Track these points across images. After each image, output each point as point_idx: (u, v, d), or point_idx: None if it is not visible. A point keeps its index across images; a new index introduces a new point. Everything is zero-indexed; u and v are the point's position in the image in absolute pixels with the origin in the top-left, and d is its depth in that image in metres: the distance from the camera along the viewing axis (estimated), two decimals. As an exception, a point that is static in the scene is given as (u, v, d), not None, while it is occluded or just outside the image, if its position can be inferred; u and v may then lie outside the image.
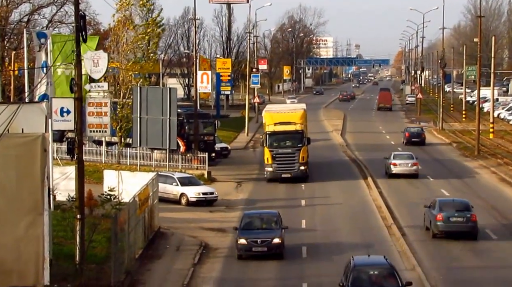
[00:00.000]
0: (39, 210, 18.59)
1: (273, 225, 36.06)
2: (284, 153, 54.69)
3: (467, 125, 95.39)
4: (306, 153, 55.72)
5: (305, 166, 55.16)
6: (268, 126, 55.96)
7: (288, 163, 54.75)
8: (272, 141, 55.20)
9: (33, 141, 18.72)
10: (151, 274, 32.62)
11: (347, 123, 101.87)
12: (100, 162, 59.64)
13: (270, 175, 55.24)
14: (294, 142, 55.25)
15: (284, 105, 74.41)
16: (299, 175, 54.94)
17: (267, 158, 55.27)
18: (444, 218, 38.03)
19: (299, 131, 55.47)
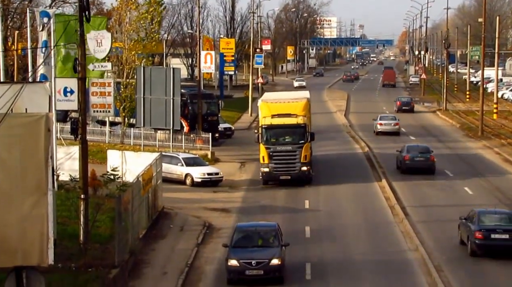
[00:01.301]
0: (43, 189, 18.56)
1: (272, 241, 29.77)
2: (283, 151, 46.47)
3: (471, 106, 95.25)
4: (309, 150, 47.38)
5: (307, 166, 46.73)
6: (265, 119, 47.21)
7: (287, 162, 46.42)
8: (269, 137, 46.80)
9: (37, 121, 18.67)
10: (155, 254, 32.70)
11: (350, 104, 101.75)
12: (103, 142, 59.66)
13: (266, 177, 46.97)
14: (295, 138, 46.77)
15: (284, 94, 63.82)
16: (300, 176, 46.66)
17: (262, 156, 46.61)
18: (410, 158, 50.83)
19: (301, 125, 46.77)
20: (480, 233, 31.84)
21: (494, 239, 31.79)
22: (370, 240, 35.44)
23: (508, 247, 31.71)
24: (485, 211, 33.86)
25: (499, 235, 31.83)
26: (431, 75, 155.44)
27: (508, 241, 31.71)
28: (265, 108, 48.02)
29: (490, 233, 31.85)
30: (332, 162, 56.23)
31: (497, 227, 32.13)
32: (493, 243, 31.76)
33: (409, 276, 29.94)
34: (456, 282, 28.96)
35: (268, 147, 46.49)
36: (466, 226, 33.10)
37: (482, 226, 32.10)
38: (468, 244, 32.62)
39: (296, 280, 29.23)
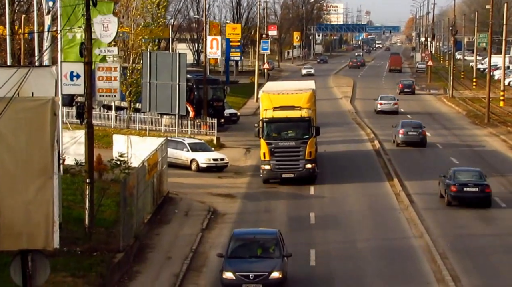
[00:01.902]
0: (48, 173, 18.59)
1: (272, 251, 26.53)
2: (286, 147, 42.95)
3: (478, 93, 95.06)
4: (314, 146, 43.84)
5: (312, 163, 43.06)
6: (266, 112, 43.51)
7: (290, 159, 42.84)
8: (271, 131, 43.16)
9: (43, 105, 18.68)
10: (160, 238, 32.76)
11: (356, 90, 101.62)
12: (109, 127, 59.71)
13: (266, 175, 43.25)
14: (299, 133, 43.22)
15: (287, 84, 57.67)
16: (304, 175, 42.91)
17: (263, 153, 43.02)
18: (404, 133, 56.17)
19: (305, 119, 43.16)
20: (454, 187, 38.09)
21: (466, 191, 38.00)
22: (374, 227, 35.46)
23: (477, 198, 38.09)
24: (459, 169, 40.65)
25: (470, 188, 38.13)
26: (437, 62, 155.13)
27: (477, 193, 38.07)
28: (266, 100, 44.23)
29: (463, 186, 38.08)
30: (337, 150, 56.18)
31: (468, 182, 38.36)
32: (465, 195, 37.98)
33: (413, 263, 29.97)
34: (461, 270, 28.98)
35: (270, 142, 42.92)
36: (444, 182, 39.18)
37: (456, 181, 38.27)
38: (445, 196, 38.88)
39: (301, 266, 29.27)
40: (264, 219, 36.48)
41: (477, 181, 38.65)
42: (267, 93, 45.33)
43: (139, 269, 28.65)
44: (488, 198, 38.45)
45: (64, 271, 25.30)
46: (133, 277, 27.81)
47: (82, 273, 25.41)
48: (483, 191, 38.24)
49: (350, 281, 27.98)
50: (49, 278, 20.92)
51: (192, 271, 28.93)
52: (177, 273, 28.29)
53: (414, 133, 56.24)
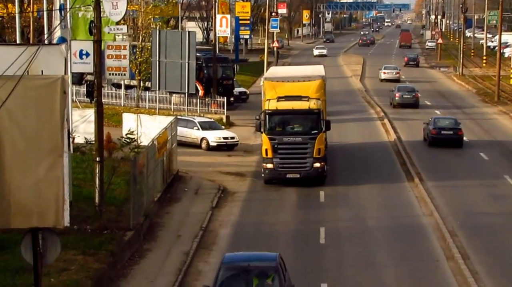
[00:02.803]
0: (59, 152, 18.59)
1: (271, 283, 20.93)
2: (291, 143, 37.85)
3: (488, 71, 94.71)
4: (323, 142, 38.70)
5: (321, 162, 37.81)
6: (268, 102, 38.26)
7: (296, 157, 37.84)
8: (274, 125, 38.13)
9: (52, 83, 18.65)
10: (170, 217, 32.85)
11: (366, 69, 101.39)
12: (119, 105, 59.74)
13: (268, 175, 38.14)
14: (307, 127, 38.01)
15: (292, 70, 51.78)
16: (312, 175, 37.83)
17: (265, 149, 38.00)
18: (400, 96, 64.22)
19: (313, 111, 37.83)
20: (434, 130, 47.63)
21: (443, 134, 47.55)
22: (384, 205, 35.46)
23: (451, 139, 47.58)
24: (438, 117, 51.01)
25: (446, 131, 47.67)
26: (447, 40, 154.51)
27: (451, 135, 47.58)
28: (269, 89, 38.91)
29: (440, 130, 47.71)
30: (346, 127, 56.12)
31: (445, 127, 47.97)
32: (442, 137, 47.50)
33: (423, 241, 29.99)
34: (470, 248, 29.00)
35: (273, 138, 37.74)
36: (427, 127, 48.50)
37: (435, 126, 47.95)
38: (427, 138, 48.34)
39: (311, 245, 29.31)
40: (274, 198, 36.49)
41: (452, 126, 48.21)
42: (270, 81, 39.54)
43: (149, 247, 28.75)
44: (460, 139, 47.87)
45: (75, 249, 25.41)
46: (143, 255, 27.92)
47: (92, 251, 25.51)
48: (456, 134, 47.73)
49: (359, 259, 28.02)
50: (60, 256, 21.00)
51: (202, 249, 29.02)
52: (187, 251, 28.38)
53: (408, 96, 64.65)
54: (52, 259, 19.72)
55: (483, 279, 25.62)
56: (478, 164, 44.11)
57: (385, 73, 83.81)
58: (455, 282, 25.56)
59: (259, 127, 38.31)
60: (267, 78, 40.43)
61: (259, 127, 38.42)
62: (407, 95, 64.72)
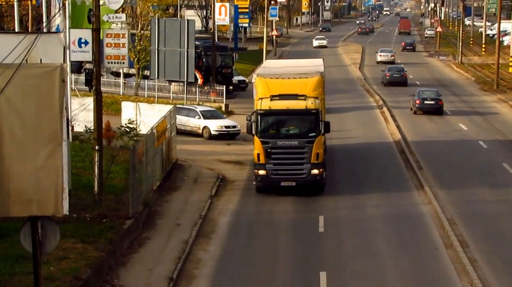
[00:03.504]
0: (58, 140, 18.60)
1: None
2: (286, 147, 34.01)
3: (487, 59, 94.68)
4: (322, 146, 34.93)
5: (319, 168, 34.08)
6: (261, 102, 34.47)
7: (291, 163, 34.11)
8: (267, 127, 34.39)
9: (51, 71, 18.64)
10: (169, 205, 32.89)
11: (365, 57, 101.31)
12: (118, 94, 59.72)
13: (261, 182, 34.36)
14: (303, 130, 34.38)
15: (288, 64, 46.01)
16: (309, 183, 34.11)
17: (257, 154, 34.12)
18: (390, 75, 71.72)
19: (311, 111, 34.13)
20: (419, 100, 56.00)
21: (426, 103, 55.93)
22: (383, 193, 35.48)
23: (433, 108, 55.89)
24: (422, 89, 59.28)
25: (429, 102, 56.06)
26: (446, 28, 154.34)
27: (433, 105, 55.90)
28: (262, 86, 35.30)
29: (424, 100, 56.09)
30: (345, 115, 56.14)
31: (428, 97, 56.42)
32: (425, 106, 55.89)
33: (421, 229, 30.03)
34: (469, 236, 29.05)
35: (266, 141, 33.97)
36: (412, 98, 57.00)
37: (420, 96, 56.47)
38: (412, 107, 56.53)
39: (309, 233, 29.34)
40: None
41: (434, 97, 56.63)
42: (263, 78, 35.84)
43: (149, 236, 28.79)
44: (440, 108, 56.25)
45: (74, 238, 25.45)
46: (142, 243, 27.96)
47: (91, 240, 25.54)
48: (437, 103, 56.05)
49: (358, 247, 28.06)
50: (59, 244, 21.04)
51: (201, 237, 29.06)
52: (187, 239, 28.43)
53: (397, 75, 71.72)
54: (52, 247, 19.76)
55: (481, 267, 25.67)
56: (476, 152, 44.13)
57: (381, 56, 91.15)
58: (454, 270, 25.61)
59: (250, 129, 34.36)
60: (260, 75, 36.38)
61: (250, 129, 34.40)
62: (396, 74, 72.01)
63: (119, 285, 23.98)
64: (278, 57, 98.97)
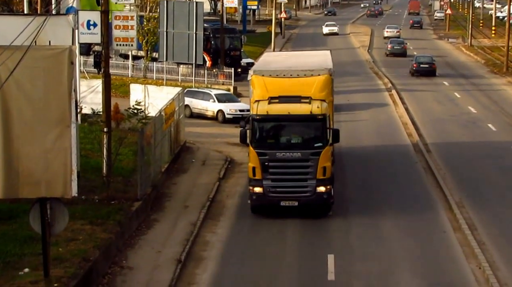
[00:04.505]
0: (66, 122, 18.66)
1: None
2: (287, 160, 28.49)
3: (496, 42, 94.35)
4: (330, 159, 29.15)
5: (326, 185, 28.62)
6: (258, 105, 29.02)
7: (293, 179, 28.64)
8: (264, 136, 28.96)
9: (60, 53, 18.67)
10: (177, 187, 32.94)
11: (374, 40, 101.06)
12: (126, 76, 59.74)
13: (257, 201, 28.91)
14: (308, 139, 28.85)
15: (291, 58, 38.33)
16: (314, 203, 28.68)
17: (252, 168, 28.68)
18: (391, 47, 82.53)
19: (317, 117, 28.53)
20: (416, 64, 67.41)
21: (422, 67, 67.13)
22: (391, 177, 35.46)
23: (427, 71, 66.92)
24: (419, 55, 71.75)
25: (424, 65, 67.22)
26: (456, 11, 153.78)
27: (428, 68, 67.01)
28: (259, 86, 29.74)
29: (420, 64, 67.28)
30: (353, 96, 56.09)
31: (423, 62, 67.61)
32: (421, 69, 67.14)
33: (430, 212, 30.02)
34: (478, 219, 29.04)
35: (263, 153, 28.45)
36: (411, 63, 68.64)
37: (417, 61, 67.96)
38: (410, 70, 67.79)
39: (317, 216, 29.32)
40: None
41: (428, 61, 67.78)
42: (260, 76, 30.07)
43: (157, 218, 28.86)
44: (434, 71, 66.97)
45: (83, 219, 25.54)
46: (151, 225, 28.04)
47: (100, 221, 25.62)
48: (431, 67, 67.02)
49: (367, 229, 28.03)
50: (68, 226, 21.15)
51: (209, 219, 29.11)
52: (195, 221, 28.48)
53: (398, 47, 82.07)
54: (60, 228, 19.85)
55: (490, 250, 25.66)
56: (486, 135, 44.04)
57: (388, 32, 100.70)
58: (462, 252, 25.61)
59: (244, 138, 29.04)
60: (256, 71, 30.52)
61: (243, 138, 29.06)
62: (397, 46, 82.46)
63: (127, 266, 24.07)
64: (287, 39, 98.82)
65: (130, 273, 23.57)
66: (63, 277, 20.59)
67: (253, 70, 30.98)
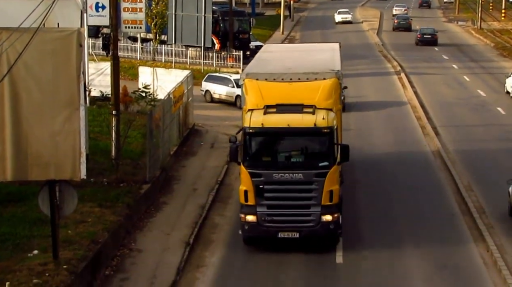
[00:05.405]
0: (75, 104, 18.70)
1: None
2: (286, 182, 23.68)
3: (506, 25, 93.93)
4: (337, 181, 24.24)
5: (333, 213, 23.83)
6: (252, 115, 24.11)
7: (293, 205, 23.89)
8: (259, 153, 24.06)
9: (68, 36, 18.69)
10: (186, 170, 32.97)
11: (383, 23, 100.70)
12: (135, 59, 59.73)
13: (250, 232, 24.14)
14: (311, 157, 24.07)
15: (292, 52, 33.95)
16: (318, 234, 23.94)
17: (244, 191, 23.85)
18: (397, 22, 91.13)
19: (322, 131, 23.70)
20: (420, 35, 77.92)
21: (425, 37, 77.14)
22: (399, 159, 35.42)
23: (429, 41, 76.87)
24: (423, 28, 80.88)
25: (427, 36, 77.23)
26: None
27: (430, 38, 77.01)
28: (253, 93, 24.90)
29: (424, 35, 77.59)
30: (362, 79, 55.99)
31: (426, 33, 77.88)
32: (424, 39, 77.16)
33: (438, 195, 30.00)
34: (486, 202, 29.04)
35: (257, 173, 23.71)
36: (416, 34, 79.18)
37: (421, 32, 78.26)
38: (415, 41, 77.74)
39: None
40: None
41: (431, 32, 77.81)
42: (254, 80, 25.15)
43: (166, 200, 28.92)
44: (436, 41, 76.81)
45: (91, 202, 25.60)
46: (159, 208, 28.10)
47: (109, 204, 25.69)
48: (433, 37, 76.89)
49: (378, 216, 28.04)
50: (77, 208, 21.23)
51: (218, 202, 29.16)
52: (203, 204, 28.54)
53: (403, 22, 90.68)
54: (69, 211, 19.94)
55: (498, 233, 25.65)
56: (495, 118, 43.93)
57: (396, 10, 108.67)
58: (470, 235, 25.62)
59: (234, 155, 24.11)
60: (250, 74, 25.47)
61: (234, 155, 24.13)
62: (403, 21, 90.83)
63: (136, 249, 24.15)
64: (296, 22, 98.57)
65: (139, 256, 23.66)
66: (72, 259, 20.67)
67: (246, 72, 25.73)
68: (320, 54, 30.49)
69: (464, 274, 22.69)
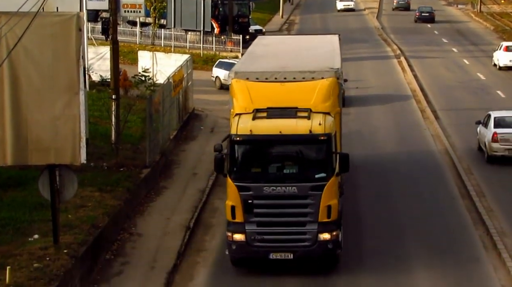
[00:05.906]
0: (74, 89, 18.68)
1: None
2: (278, 196, 20.89)
3: (506, 8, 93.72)
4: (336, 194, 21.43)
5: (332, 231, 21.00)
6: (239, 120, 21.44)
7: (286, 222, 21.06)
8: (248, 164, 21.38)
9: (68, 20, 18.65)
10: (186, 154, 32.99)
11: (383, 6, 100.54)
12: (134, 43, 59.68)
13: (237, 252, 21.26)
14: (306, 168, 21.13)
15: (287, 45, 30.24)
16: (315, 255, 21.06)
17: (231, 207, 21.11)
18: (397, 2, 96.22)
19: (319, 138, 20.89)
20: (418, 13, 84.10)
21: (423, 15, 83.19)
22: (400, 143, 35.43)
23: (427, 19, 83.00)
24: (422, 6, 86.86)
25: (424, 13, 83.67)
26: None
27: (428, 16, 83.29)
28: (241, 95, 22.14)
29: (422, 13, 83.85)
30: (362, 65, 55.93)
31: (424, 11, 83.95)
32: (422, 17, 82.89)
33: (438, 179, 30.02)
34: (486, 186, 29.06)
35: (245, 187, 20.95)
36: (415, 13, 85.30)
37: (419, 10, 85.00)
38: (414, 19, 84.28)
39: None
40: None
41: (428, 11, 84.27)
42: (242, 80, 22.37)
43: (166, 185, 28.94)
44: (433, 18, 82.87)
45: (92, 186, 25.61)
46: (159, 192, 28.13)
47: (109, 188, 25.69)
48: (430, 15, 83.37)
49: (376, 197, 28.07)
50: (77, 193, 21.25)
51: (218, 186, 29.15)
52: (203, 188, 28.57)
53: (402, 2, 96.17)
54: (70, 195, 19.96)
55: (497, 216, 25.68)
56: (494, 102, 43.89)
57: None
58: (470, 219, 25.64)
59: (220, 165, 21.33)
60: (238, 74, 22.64)
61: (219, 165, 21.34)
62: (402, 1, 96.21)
63: (136, 233, 24.20)
64: (295, 6, 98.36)
65: (139, 240, 23.70)
66: (72, 243, 20.71)
67: (235, 71, 22.81)
68: (317, 49, 27.82)
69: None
